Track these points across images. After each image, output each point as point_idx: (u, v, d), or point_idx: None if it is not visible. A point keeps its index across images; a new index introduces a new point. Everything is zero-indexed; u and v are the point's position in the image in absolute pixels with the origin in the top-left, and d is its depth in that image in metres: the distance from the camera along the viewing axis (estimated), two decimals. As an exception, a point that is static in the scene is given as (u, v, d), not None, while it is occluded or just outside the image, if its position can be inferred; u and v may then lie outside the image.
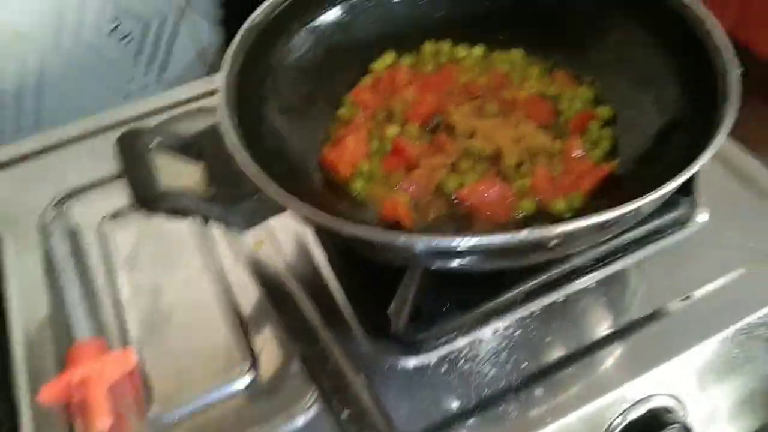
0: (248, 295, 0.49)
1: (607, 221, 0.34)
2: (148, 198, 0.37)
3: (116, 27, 0.67)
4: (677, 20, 0.46)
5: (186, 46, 0.72)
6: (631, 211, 0.34)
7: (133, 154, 0.39)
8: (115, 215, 0.55)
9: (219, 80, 0.44)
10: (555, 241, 0.36)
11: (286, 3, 0.51)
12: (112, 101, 0.72)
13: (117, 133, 0.60)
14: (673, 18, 0.46)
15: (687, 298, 0.45)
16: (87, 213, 0.55)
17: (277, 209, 0.41)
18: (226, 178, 0.41)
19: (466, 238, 0.34)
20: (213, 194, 0.39)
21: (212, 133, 0.44)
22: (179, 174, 0.46)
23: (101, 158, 0.59)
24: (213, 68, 0.75)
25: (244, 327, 0.46)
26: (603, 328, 0.44)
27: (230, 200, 0.39)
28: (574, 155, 0.47)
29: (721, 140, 0.36)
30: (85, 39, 0.66)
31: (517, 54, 0.55)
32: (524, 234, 0.34)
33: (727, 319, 0.43)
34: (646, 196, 0.35)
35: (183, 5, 0.68)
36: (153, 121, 0.61)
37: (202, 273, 0.50)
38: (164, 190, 0.37)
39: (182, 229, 0.53)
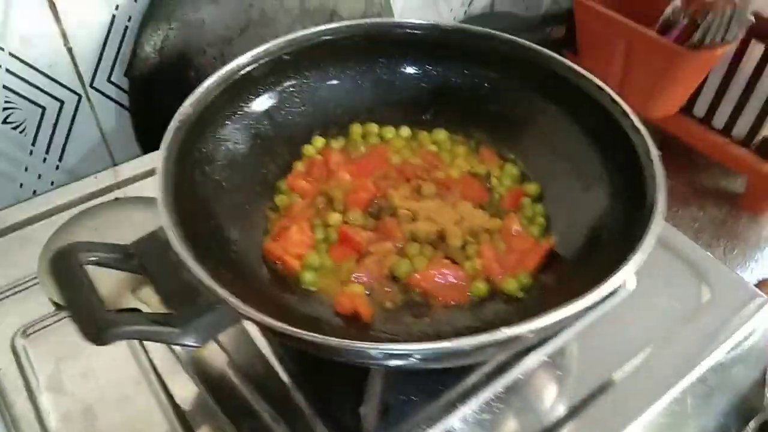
0: (194, 402, 0.46)
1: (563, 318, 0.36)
2: (97, 331, 0.33)
3: (8, 116, 0.61)
4: (591, 102, 0.50)
5: (86, 133, 0.67)
6: (580, 311, 0.36)
7: (69, 280, 0.35)
8: (26, 331, 0.49)
9: (156, 184, 0.41)
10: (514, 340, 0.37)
11: (213, 94, 0.49)
12: (8, 193, 0.65)
13: (17, 234, 0.57)
14: (588, 99, 0.50)
15: (628, 364, 0.48)
16: (-7, 331, 0.49)
17: (237, 319, 0.38)
18: (176, 290, 0.38)
19: (425, 345, 0.35)
20: (167, 314, 0.36)
21: (152, 241, 0.41)
22: (120, 291, 0.42)
23: (5, 264, 0.54)
24: (117, 155, 0.70)
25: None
26: (561, 404, 0.45)
27: (187, 318, 0.36)
28: (513, 233, 0.49)
29: (658, 228, 0.39)
30: (-29, 130, 0.60)
31: (441, 133, 0.57)
32: (484, 338, 0.34)
33: (671, 378, 0.46)
34: (592, 290, 0.36)
35: (82, 91, 0.64)
36: (61, 219, 0.56)
37: (139, 384, 0.46)
38: (113, 319, 0.34)
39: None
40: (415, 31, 0.57)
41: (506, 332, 0.35)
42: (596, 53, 0.80)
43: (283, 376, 0.46)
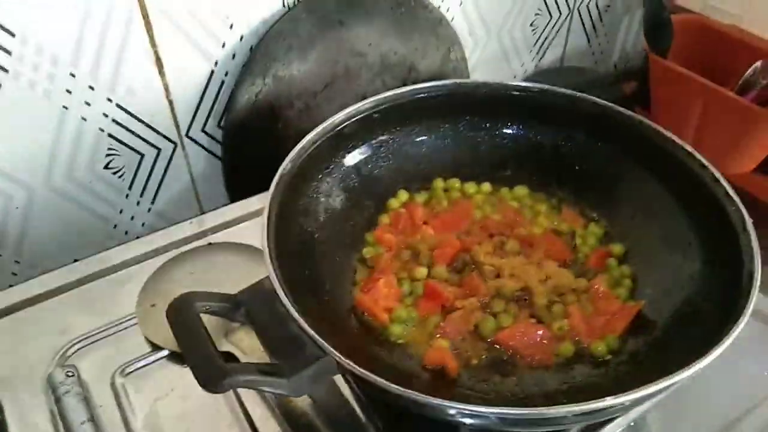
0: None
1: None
2: (214, 380, 0.35)
3: (110, 162, 0.65)
4: (680, 166, 0.50)
5: (179, 179, 0.71)
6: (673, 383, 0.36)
7: (188, 328, 0.38)
8: (124, 371, 0.52)
9: (262, 238, 0.44)
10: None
11: (310, 151, 0.52)
12: (101, 233, 0.69)
13: (115, 277, 0.60)
14: (676, 163, 0.51)
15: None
16: (95, 369, 0.51)
17: (335, 372, 0.40)
18: (281, 342, 0.40)
19: (501, 410, 0.36)
20: (273, 366, 0.38)
21: (257, 291, 0.43)
22: (215, 334, 0.44)
23: (101, 306, 0.57)
24: (205, 201, 0.74)
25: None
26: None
27: (291, 371, 0.38)
28: (600, 294, 0.49)
29: (755, 299, 0.39)
30: (76, 176, 0.64)
31: (522, 190, 0.59)
32: (575, 408, 0.35)
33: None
34: (692, 364, 0.36)
35: (178, 140, 0.68)
36: (155, 263, 0.59)
37: (231, 429, 0.48)
38: (228, 369, 0.36)
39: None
40: (498, 91, 0.59)
41: (599, 404, 0.35)
42: (671, 111, 0.81)
43: (366, 424, 0.47)
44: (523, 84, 0.59)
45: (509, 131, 0.60)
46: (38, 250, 0.66)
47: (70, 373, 0.49)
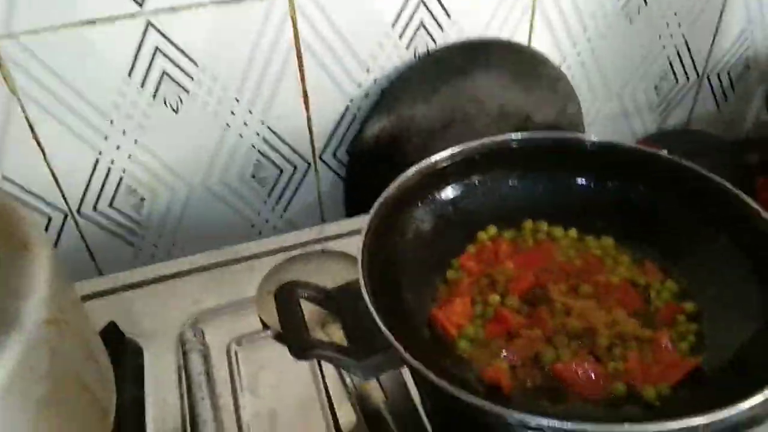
0: (352, 428, 0.55)
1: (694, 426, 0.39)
2: (300, 348, 0.44)
3: (255, 173, 0.78)
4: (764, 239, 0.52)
5: (308, 193, 0.83)
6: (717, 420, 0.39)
7: (287, 306, 0.47)
8: (240, 340, 0.63)
9: (358, 246, 0.52)
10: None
11: (413, 180, 0.60)
12: (240, 230, 0.82)
13: (244, 265, 0.72)
14: (763, 239, 0.52)
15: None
16: (216, 335, 0.63)
17: (399, 365, 0.47)
18: (359, 333, 0.48)
19: (555, 421, 0.40)
20: (348, 348, 0.46)
21: (347, 290, 0.52)
22: (318, 315, 0.53)
23: (229, 287, 0.69)
24: (327, 213, 0.85)
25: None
26: None
27: (362, 355, 0.46)
28: (662, 345, 0.52)
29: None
30: (228, 181, 0.78)
31: (608, 241, 0.62)
32: (617, 428, 0.39)
33: None
34: (731, 405, 0.39)
35: (312, 161, 0.80)
36: (276, 258, 0.71)
37: (313, 402, 0.57)
38: (313, 342, 0.44)
39: (298, 363, 0.60)
40: (600, 149, 0.63)
41: (627, 428, 0.39)
42: (793, 184, 0.79)
43: (425, 422, 0.53)
44: (621, 144, 0.63)
45: (603, 186, 0.63)
46: (190, 237, 0.81)
47: (197, 334, 0.61)
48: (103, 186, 0.73)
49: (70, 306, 0.44)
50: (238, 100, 0.72)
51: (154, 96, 0.69)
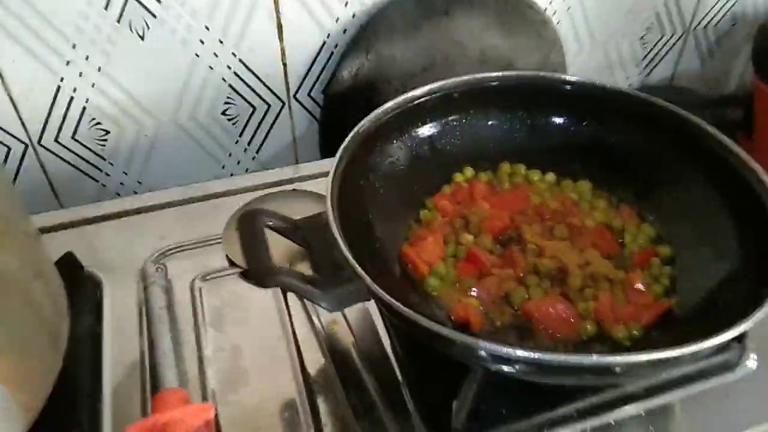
0: (319, 368, 0.53)
1: (665, 359, 0.38)
2: (261, 273, 0.42)
3: (227, 110, 0.75)
4: (741, 179, 0.51)
5: (282, 134, 0.80)
6: (687, 354, 0.38)
7: (250, 232, 0.45)
8: (205, 277, 0.61)
9: (328, 178, 0.50)
10: (613, 370, 0.40)
11: (389, 116, 0.58)
12: (210, 170, 0.80)
13: (212, 202, 0.70)
14: (737, 177, 0.51)
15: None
16: (181, 271, 0.61)
17: (365, 297, 0.46)
18: (325, 264, 0.46)
19: (527, 352, 0.39)
20: (314, 278, 0.45)
21: (315, 221, 0.50)
22: (285, 252, 0.52)
23: (197, 223, 0.66)
24: (301, 156, 0.82)
25: (311, 397, 0.50)
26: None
27: (328, 285, 0.44)
28: (635, 287, 0.51)
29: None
30: (198, 117, 0.75)
31: (585, 185, 0.61)
32: (586, 359, 0.38)
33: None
34: (702, 341, 0.38)
35: (287, 99, 0.77)
36: (246, 197, 0.68)
37: (279, 341, 0.55)
38: (275, 269, 0.43)
39: (264, 299, 0.58)
40: (578, 89, 0.62)
41: (596, 359, 0.38)
42: (773, 140, 0.78)
43: (393, 361, 0.52)
44: (604, 85, 0.61)
45: (582, 128, 0.62)
46: (157, 175, 0.78)
47: (159, 269, 0.59)
48: (65, 116, 0.70)
49: (17, 219, 0.42)
50: (208, 29, 0.68)
51: (119, 20, 0.65)
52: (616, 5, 0.84)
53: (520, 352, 0.39)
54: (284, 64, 0.74)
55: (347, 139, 0.54)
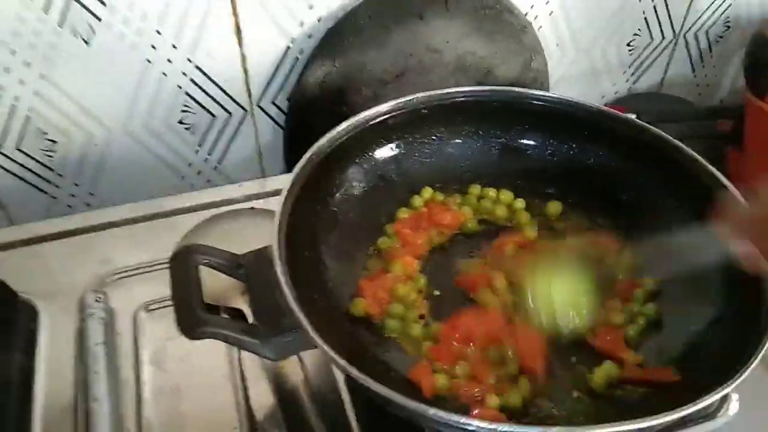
0: (266, 410, 0.49)
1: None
2: (191, 325, 0.38)
3: (184, 118, 0.70)
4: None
5: (245, 144, 0.75)
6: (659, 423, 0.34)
7: (181, 274, 0.41)
8: (149, 307, 0.56)
9: (276, 211, 0.46)
10: None
11: (351, 133, 0.54)
12: (169, 182, 0.75)
13: (166, 221, 0.65)
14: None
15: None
16: (124, 299, 0.56)
17: (311, 346, 0.41)
18: (268, 306, 0.42)
19: (480, 422, 0.35)
20: (252, 325, 0.40)
21: (261, 256, 0.45)
22: (224, 291, 0.47)
23: (149, 244, 0.62)
24: (267, 166, 0.78)
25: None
26: None
27: (268, 334, 0.40)
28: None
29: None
30: (153, 126, 0.70)
31: (555, 206, 0.57)
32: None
33: None
34: (690, 405, 0.35)
35: (249, 107, 0.72)
36: (202, 215, 0.64)
37: (225, 381, 0.51)
38: (205, 319, 0.38)
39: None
40: (556, 107, 0.57)
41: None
42: (764, 154, 0.74)
43: (348, 408, 0.48)
44: (584, 104, 0.57)
45: (559, 149, 0.58)
46: (112, 187, 0.73)
47: (99, 299, 0.54)
48: (7, 126, 0.65)
49: None
50: (159, 32, 0.63)
51: (61, 24, 0.60)
52: (602, 9, 0.79)
53: (474, 422, 0.35)
54: (245, 71, 0.69)
55: (300, 164, 0.50)
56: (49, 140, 0.67)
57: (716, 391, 0.36)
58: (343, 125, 0.53)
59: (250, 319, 0.46)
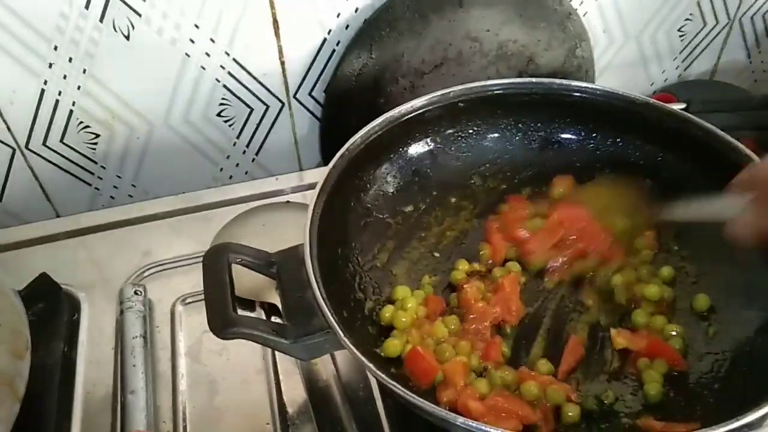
0: (298, 406, 0.49)
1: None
2: (221, 326, 0.38)
3: (222, 111, 0.71)
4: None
5: (282, 136, 0.75)
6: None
7: (214, 276, 0.41)
8: (186, 300, 0.57)
9: (308, 209, 0.45)
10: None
11: (382, 131, 0.53)
12: (208, 173, 0.76)
13: (204, 214, 0.66)
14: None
15: None
16: (163, 292, 0.57)
17: (339, 347, 0.41)
18: (297, 307, 0.42)
19: None
20: (283, 325, 0.40)
21: (292, 255, 0.45)
22: (260, 286, 0.47)
23: (187, 236, 0.63)
24: (304, 158, 0.77)
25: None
26: None
27: (298, 334, 0.40)
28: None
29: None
30: (192, 119, 0.70)
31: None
32: None
33: None
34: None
35: (286, 100, 0.72)
36: (240, 208, 0.64)
37: (258, 374, 0.51)
38: (235, 319, 0.38)
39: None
40: (599, 99, 0.55)
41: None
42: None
43: (379, 404, 0.48)
44: (628, 95, 0.54)
45: (601, 142, 0.56)
46: (153, 178, 0.74)
47: (138, 292, 0.55)
48: (52, 120, 0.66)
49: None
50: (198, 27, 0.63)
51: (101, 19, 0.60)
52: (652, -9, 0.76)
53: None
54: (282, 63, 0.69)
55: (335, 159, 0.49)
56: (92, 133, 0.69)
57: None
58: (378, 121, 0.52)
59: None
